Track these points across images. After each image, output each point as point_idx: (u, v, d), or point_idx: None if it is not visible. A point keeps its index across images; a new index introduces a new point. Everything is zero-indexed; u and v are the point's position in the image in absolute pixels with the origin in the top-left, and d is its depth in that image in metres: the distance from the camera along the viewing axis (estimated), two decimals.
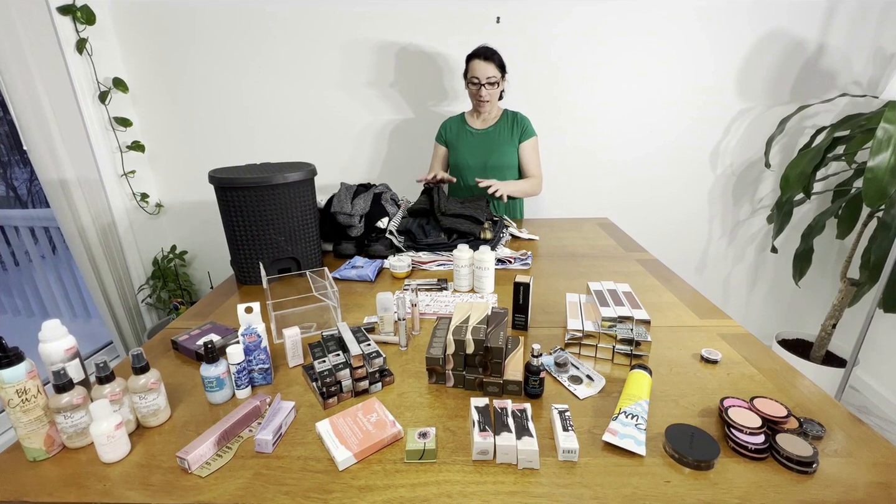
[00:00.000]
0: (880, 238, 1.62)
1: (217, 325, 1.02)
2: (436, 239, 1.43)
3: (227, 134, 2.17)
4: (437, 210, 1.48)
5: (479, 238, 1.43)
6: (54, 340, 0.71)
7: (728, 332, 0.99)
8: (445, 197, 1.55)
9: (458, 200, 1.57)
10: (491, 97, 1.68)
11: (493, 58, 1.62)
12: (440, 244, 1.42)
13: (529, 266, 1.37)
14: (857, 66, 1.92)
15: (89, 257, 1.94)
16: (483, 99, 1.68)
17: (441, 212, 1.47)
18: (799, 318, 2.35)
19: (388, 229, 1.48)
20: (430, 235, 1.44)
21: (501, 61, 1.65)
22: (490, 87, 1.65)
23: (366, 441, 0.66)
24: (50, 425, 0.67)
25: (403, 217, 1.54)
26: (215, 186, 1.22)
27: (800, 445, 0.63)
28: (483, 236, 1.43)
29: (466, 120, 1.83)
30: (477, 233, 1.43)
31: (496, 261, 1.37)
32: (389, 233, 1.48)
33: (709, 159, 2.12)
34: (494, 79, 1.63)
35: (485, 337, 0.78)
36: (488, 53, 1.62)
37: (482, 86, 1.64)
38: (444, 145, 1.87)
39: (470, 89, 1.70)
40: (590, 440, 0.68)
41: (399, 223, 1.50)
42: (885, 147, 1.43)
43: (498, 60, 1.63)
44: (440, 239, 1.43)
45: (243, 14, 1.96)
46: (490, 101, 1.69)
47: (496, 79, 1.64)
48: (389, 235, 1.47)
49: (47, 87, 1.74)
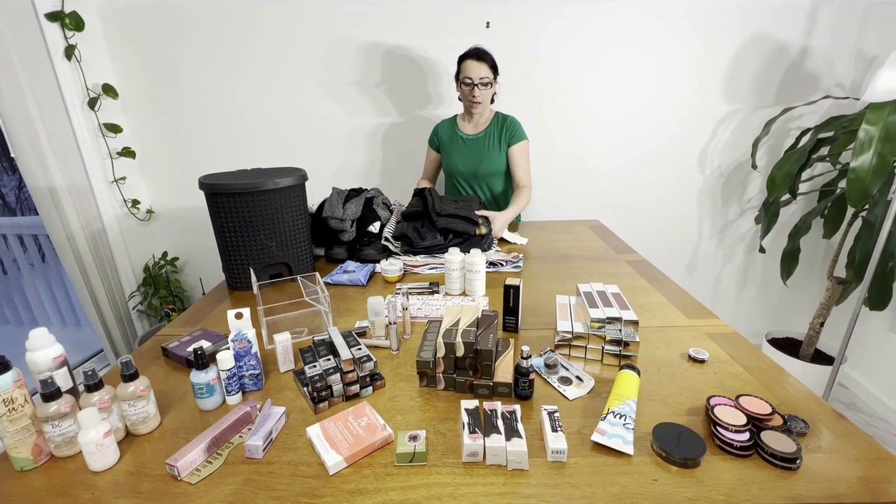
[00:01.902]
0: (865, 237, 1.65)
1: (208, 331, 1.02)
2: (432, 241, 1.43)
3: (218, 139, 2.17)
4: (431, 211, 1.48)
5: (475, 235, 1.44)
6: (41, 349, 0.71)
7: (715, 331, 1.00)
8: (439, 197, 1.55)
9: (452, 199, 1.57)
10: (483, 98, 1.67)
11: (486, 58, 1.61)
12: (437, 245, 1.43)
13: (521, 269, 1.37)
14: (840, 69, 1.96)
15: (79, 265, 1.93)
16: (475, 100, 1.67)
17: (436, 212, 1.47)
18: (788, 316, 2.38)
19: (385, 237, 1.48)
20: (427, 238, 1.44)
21: (494, 62, 1.65)
22: (483, 87, 1.64)
23: (356, 445, 0.67)
24: (37, 434, 0.66)
25: (398, 222, 1.53)
26: (206, 192, 1.22)
27: (784, 442, 0.65)
28: (478, 232, 1.44)
29: (458, 124, 1.83)
30: (472, 231, 1.44)
31: (488, 263, 1.36)
32: (385, 240, 1.47)
33: (697, 161, 2.14)
34: (487, 79, 1.63)
35: (475, 339, 0.79)
36: (481, 53, 1.61)
37: (475, 86, 1.64)
38: (437, 149, 1.88)
39: (462, 90, 1.70)
40: (579, 440, 0.69)
41: (395, 229, 1.50)
42: (867, 148, 1.46)
43: (490, 61, 1.63)
44: (436, 241, 1.43)
45: (233, 19, 1.96)
46: (482, 102, 1.69)
47: (489, 79, 1.63)
48: (385, 242, 1.47)
49: (35, 94, 1.73)
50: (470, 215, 1.47)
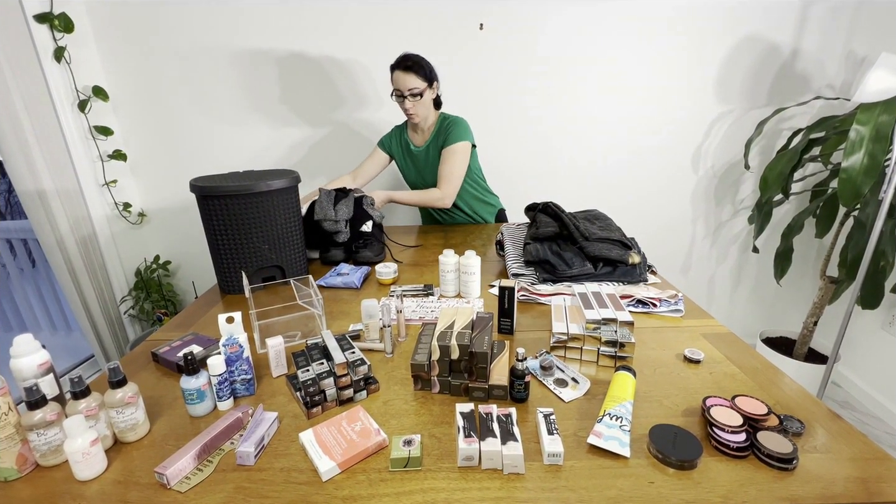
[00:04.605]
0: (856, 236, 1.66)
1: (199, 335, 1.00)
2: (580, 269, 1.20)
3: (210, 141, 2.15)
4: (580, 236, 1.25)
5: (629, 265, 1.20)
6: (26, 355, 0.69)
7: (710, 331, 1.00)
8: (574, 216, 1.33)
9: (586, 218, 1.35)
10: (417, 109, 1.60)
11: (414, 68, 1.54)
12: (584, 275, 1.20)
13: (682, 313, 1.07)
14: (830, 70, 1.98)
15: (69, 269, 1.90)
16: (408, 111, 1.61)
17: (585, 237, 1.24)
18: (782, 316, 2.39)
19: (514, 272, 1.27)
20: (574, 265, 1.20)
21: (426, 71, 1.57)
22: (413, 97, 1.57)
23: (350, 450, 0.66)
24: (22, 443, 0.65)
25: (527, 244, 1.28)
26: (197, 195, 1.21)
27: (780, 442, 0.64)
28: (632, 262, 1.20)
29: (408, 133, 1.77)
30: (626, 259, 1.20)
31: (636, 302, 1.10)
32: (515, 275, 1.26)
33: (691, 162, 2.16)
34: (417, 90, 1.56)
35: (469, 342, 0.78)
36: (408, 63, 1.54)
37: (404, 97, 1.58)
38: (389, 154, 1.83)
39: (396, 101, 1.62)
40: (575, 443, 0.68)
41: (531, 252, 1.24)
42: (858, 148, 1.47)
43: (420, 70, 1.55)
44: (585, 268, 1.20)
45: (224, 20, 1.95)
46: (416, 113, 1.62)
47: (419, 90, 1.56)
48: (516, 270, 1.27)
49: (24, 96, 1.71)
50: (622, 239, 1.24)
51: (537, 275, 1.23)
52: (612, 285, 1.18)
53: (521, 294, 1.16)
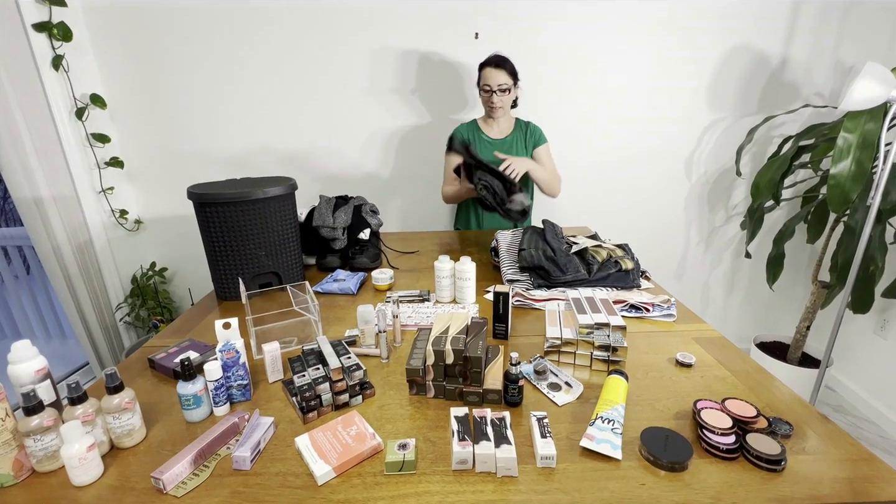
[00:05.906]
0: (846, 242, 1.68)
1: (195, 341, 1.01)
2: (574, 275, 1.23)
3: (207, 149, 2.16)
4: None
5: (623, 270, 1.24)
6: (24, 361, 0.70)
7: (702, 335, 1.02)
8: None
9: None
10: (503, 104, 1.70)
11: (504, 65, 1.65)
12: (578, 280, 1.23)
13: (674, 318, 1.09)
14: (819, 79, 2.02)
15: (65, 276, 1.90)
16: (495, 105, 1.70)
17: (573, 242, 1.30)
18: (776, 320, 2.41)
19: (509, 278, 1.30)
20: (569, 270, 1.23)
21: (513, 69, 1.67)
22: (501, 94, 1.67)
23: (345, 454, 0.66)
24: (19, 449, 0.65)
25: (522, 250, 1.32)
26: (194, 202, 1.22)
27: (769, 444, 0.65)
28: (625, 267, 1.25)
29: (481, 128, 1.83)
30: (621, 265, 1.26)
31: (629, 307, 1.12)
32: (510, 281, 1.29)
33: (684, 168, 2.18)
34: (506, 86, 1.66)
35: (464, 347, 0.79)
36: (499, 61, 1.65)
37: (493, 93, 1.67)
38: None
39: (483, 96, 1.73)
40: (568, 446, 0.69)
41: (520, 258, 1.29)
42: (846, 155, 1.50)
43: (510, 68, 1.66)
44: (579, 275, 1.23)
45: (222, 28, 1.97)
46: (502, 107, 1.71)
47: (507, 86, 1.66)
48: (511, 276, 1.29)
49: (21, 104, 1.72)
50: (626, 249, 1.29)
51: (532, 280, 1.25)
52: (606, 290, 1.20)
53: (516, 299, 1.18)
